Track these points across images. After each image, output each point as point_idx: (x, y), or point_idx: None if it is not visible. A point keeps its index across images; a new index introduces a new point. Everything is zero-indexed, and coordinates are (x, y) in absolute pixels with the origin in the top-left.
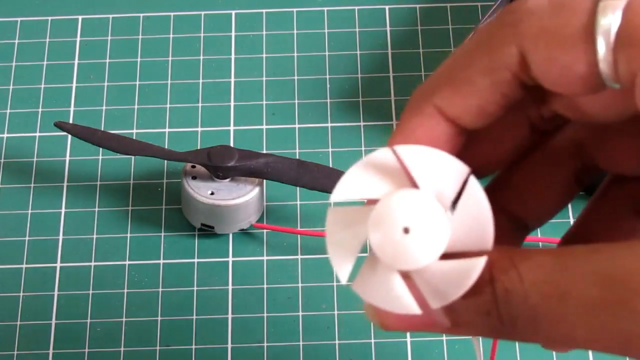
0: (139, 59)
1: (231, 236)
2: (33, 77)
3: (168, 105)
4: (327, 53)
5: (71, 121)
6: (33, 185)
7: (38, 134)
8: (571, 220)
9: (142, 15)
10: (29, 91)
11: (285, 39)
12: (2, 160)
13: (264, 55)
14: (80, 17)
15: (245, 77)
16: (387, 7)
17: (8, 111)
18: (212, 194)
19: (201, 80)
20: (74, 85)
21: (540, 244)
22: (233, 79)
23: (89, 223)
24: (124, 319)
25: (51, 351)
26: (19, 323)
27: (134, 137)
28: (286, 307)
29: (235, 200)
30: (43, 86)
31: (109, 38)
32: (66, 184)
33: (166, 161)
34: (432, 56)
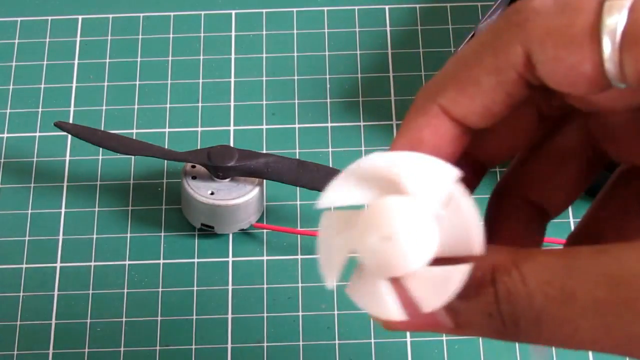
0: (139, 59)
1: (231, 236)
2: (33, 77)
3: (168, 105)
4: (327, 53)
5: (71, 121)
6: (33, 185)
7: (38, 134)
8: (571, 220)
9: (142, 15)
10: (29, 91)
11: (285, 39)
12: (2, 160)
13: (264, 55)
14: (80, 17)
15: (245, 77)
16: (387, 7)
17: (8, 111)
18: (212, 194)
19: (201, 80)
20: (74, 85)
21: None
22: (233, 79)
23: (89, 223)
24: (124, 319)
25: (51, 351)
26: (19, 323)
27: (134, 137)
28: (286, 307)
29: (235, 200)
30: (43, 86)
31: (109, 38)
32: (66, 184)
33: (166, 161)
34: (432, 56)
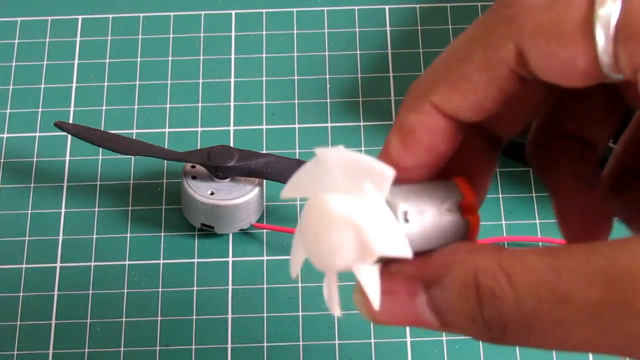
0: (139, 59)
1: (231, 236)
2: (33, 77)
3: (168, 105)
4: (327, 53)
5: (71, 121)
6: (33, 185)
7: (38, 134)
8: None
9: (142, 15)
10: (29, 91)
11: (285, 39)
12: (2, 160)
13: (264, 55)
14: (80, 17)
15: (245, 77)
16: (387, 7)
17: (8, 111)
18: (212, 194)
19: (201, 80)
20: (74, 85)
21: (540, 244)
22: (233, 79)
23: (89, 223)
24: (124, 319)
25: (51, 351)
26: (19, 323)
27: (134, 137)
28: (286, 307)
29: (235, 200)
30: (43, 86)
31: (109, 38)
32: (66, 184)
33: (166, 161)
34: (432, 56)
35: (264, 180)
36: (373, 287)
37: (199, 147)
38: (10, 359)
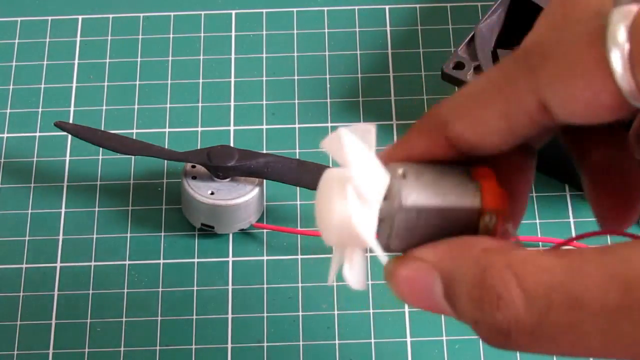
0: (139, 59)
1: (231, 236)
2: (33, 77)
3: (168, 105)
4: (327, 53)
5: (71, 121)
6: (33, 185)
7: (38, 134)
8: (571, 220)
9: (142, 15)
10: (29, 91)
11: (285, 39)
12: (2, 160)
13: (264, 55)
14: (80, 17)
15: (245, 77)
16: (387, 7)
17: (8, 111)
18: (212, 194)
19: (201, 80)
20: (74, 85)
21: (540, 244)
22: (233, 79)
23: (89, 223)
24: (124, 319)
25: (51, 351)
26: (19, 323)
27: (134, 137)
28: (286, 307)
29: (235, 200)
30: (43, 86)
31: (109, 38)
32: (66, 184)
33: (166, 161)
34: (432, 56)
35: (264, 180)
36: (357, 269)
37: (199, 147)
38: (10, 359)
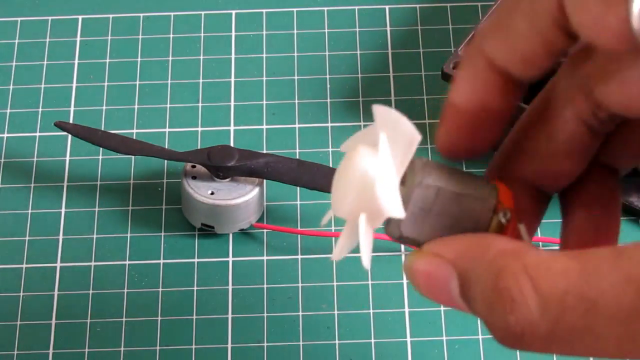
0: (139, 59)
1: (231, 236)
2: (33, 77)
3: (168, 105)
4: (327, 53)
5: (71, 121)
6: (33, 185)
7: (38, 134)
8: None
9: (142, 15)
10: (29, 91)
11: (285, 39)
12: (2, 160)
13: (264, 55)
14: (80, 17)
15: (245, 77)
16: (387, 7)
17: (8, 111)
18: (212, 194)
19: (201, 80)
20: (74, 85)
21: (540, 244)
22: (233, 79)
23: (89, 223)
24: (124, 319)
25: (51, 351)
26: (19, 323)
27: (134, 137)
28: (286, 307)
29: (235, 200)
30: (43, 86)
31: (109, 38)
32: (66, 184)
33: (166, 161)
34: (432, 56)
35: (264, 180)
36: (366, 245)
37: (199, 147)
38: (10, 359)
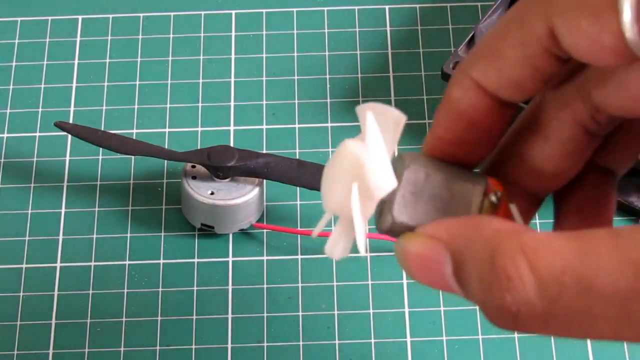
0: (139, 59)
1: (231, 236)
2: (33, 77)
3: (168, 105)
4: (327, 53)
5: (71, 121)
6: (33, 185)
7: (38, 134)
8: None
9: (142, 15)
10: (29, 91)
11: (285, 39)
12: (2, 160)
13: (264, 55)
14: (80, 17)
15: (245, 77)
16: (387, 7)
17: (8, 111)
18: (212, 194)
19: (201, 80)
20: (74, 85)
21: None
22: (233, 79)
23: (89, 223)
24: (124, 319)
25: (51, 351)
26: (19, 323)
27: (134, 137)
28: (286, 307)
29: (235, 200)
30: (43, 86)
31: (109, 38)
32: (66, 184)
33: (166, 161)
34: (432, 56)
35: (264, 180)
36: (360, 228)
37: (199, 147)
38: (10, 359)
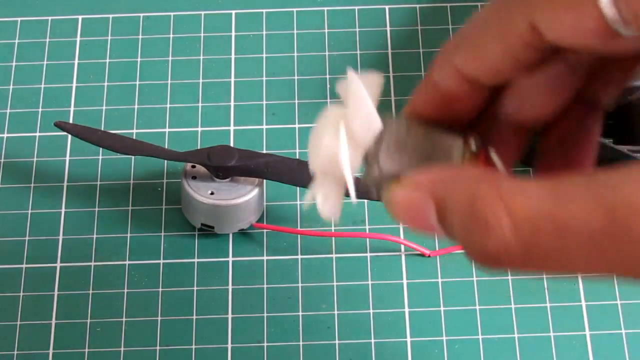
0: (139, 59)
1: (231, 236)
2: (33, 77)
3: (168, 105)
4: (327, 53)
5: (71, 121)
6: (33, 185)
7: (38, 134)
8: None
9: (142, 15)
10: (29, 91)
11: (285, 39)
12: (2, 160)
13: (264, 55)
14: (80, 17)
15: (245, 77)
16: (387, 7)
17: (8, 111)
18: (212, 194)
19: (201, 80)
20: (74, 85)
21: None
22: (233, 79)
23: (89, 223)
24: (124, 319)
25: (51, 351)
26: (19, 323)
27: (134, 137)
28: (286, 307)
29: (235, 200)
30: (43, 86)
31: (109, 38)
32: (66, 184)
33: (166, 161)
34: (432, 56)
35: (264, 180)
36: (349, 177)
37: (199, 147)
38: (10, 359)
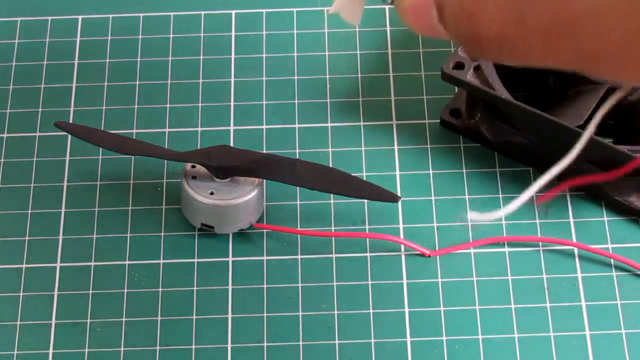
0: (139, 59)
1: (231, 236)
2: (33, 77)
3: (168, 105)
4: (327, 53)
5: (71, 121)
6: (33, 185)
7: (38, 134)
8: (571, 220)
9: (142, 15)
10: (29, 91)
11: (285, 39)
12: (2, 160)
13: (264, 55)
14: (80, 17)
15: (245, 77)
16: (387, 7)
17: (8, 111)
18: (212, 194)
19: (201, 80)
20: (74, 85)
21: (540, 244)
22: (233, 79)
23: (89, 223)
24: (124, 319)
25: (51, 351)
26: (19, 323)
27: (134, 137)
28: (286, 307)
29: (235, 200)
30: (43, 86)
31: (109, 38)
32: (66, 184)
33: (166, 161)
34: (432, 56)
35: (264, 180)
36: None
37: (199, 147)
38: (10, 359)
